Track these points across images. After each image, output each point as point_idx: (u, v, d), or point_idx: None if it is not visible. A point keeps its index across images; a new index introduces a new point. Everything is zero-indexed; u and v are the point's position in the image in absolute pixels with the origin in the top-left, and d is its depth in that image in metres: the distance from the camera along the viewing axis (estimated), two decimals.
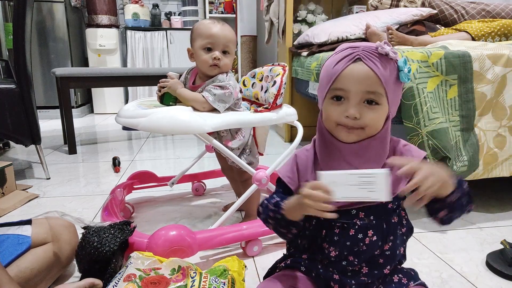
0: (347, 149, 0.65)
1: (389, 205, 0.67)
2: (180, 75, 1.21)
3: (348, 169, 0.59)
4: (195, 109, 1.08)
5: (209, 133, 1.20)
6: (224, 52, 1.12)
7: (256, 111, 1.14)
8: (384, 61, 0.62)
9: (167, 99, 1.13)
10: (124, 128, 1.07)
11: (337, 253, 0.68)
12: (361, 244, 0.67)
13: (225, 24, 1.14)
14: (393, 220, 0.69)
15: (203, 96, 1.07)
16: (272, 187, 1.21)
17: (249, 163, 1.22)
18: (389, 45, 0.62)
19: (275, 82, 1.15)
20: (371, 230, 0.67)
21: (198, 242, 0.99)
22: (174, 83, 1.12)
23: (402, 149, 0.69)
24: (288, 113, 1.20)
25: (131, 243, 0.96)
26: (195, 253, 0.99)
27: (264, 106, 1.19)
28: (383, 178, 0.54)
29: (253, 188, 1.13)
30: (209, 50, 1.11)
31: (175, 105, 1.12)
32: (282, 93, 1.15)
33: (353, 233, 0.67)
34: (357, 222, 0.67)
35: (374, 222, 0.67)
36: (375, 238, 0.67)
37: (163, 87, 1.13)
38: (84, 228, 0.92)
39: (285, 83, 1.16)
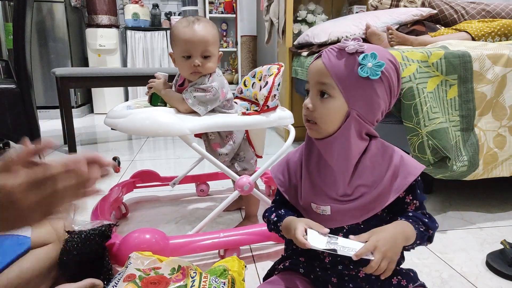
0: (318, 145, 0.68)
1: (378, 212, 0.67)
2: (169, 76, 1.19)
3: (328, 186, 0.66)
4: (179, 111, 1.05)
5: (198, 135, 1.18)
6: (205, 56, 1.05)
7: (244, 113, 1.09)
8: (343, 55, 0.63)
9: (155, 100, 1.12)
10: (113, 128, 1.07)
11: (330, 258, 0.69)
12: None
13: (201, 22, 1.05)
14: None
15: (183, 98, 1.04)
16: (261, 189, 1.19)
17: (243, 170, 1.20)
18: (357, 40, 0.63)
19: (267, 82, 1.10)
20: None
21: (170, 248, 0.95)
22: (158, 84, 1.10)
23: (398, 164, 0.66)
24: (281, 116, 1.14)
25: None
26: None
27: (254, 109, 1.15)
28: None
29: (234, 194, 1.10)
30: (188, 57, 1.05)
31: (164, 106, 1.10)
32: (275, 94, 1.09)
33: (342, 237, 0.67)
34: (344, 226, 0.67)
35: (362, 226, 0.67)
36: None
37: (152, 88, 1.12)
38: (67, 232, 0.91)
39: (278, 84, 1.10)
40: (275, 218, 0.72)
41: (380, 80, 0.63)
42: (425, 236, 0.66)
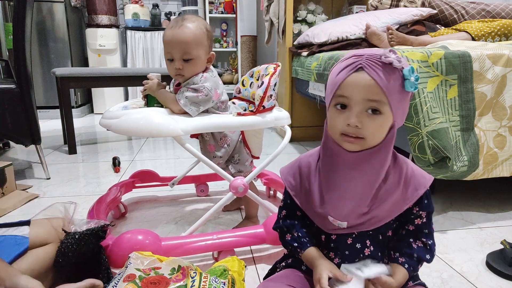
0: (350, 157, 0.66)
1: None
2: (163, 76, 1.15)
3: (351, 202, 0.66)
4: (173, 111, 1.04)
5: (194, 136, 1.15)
6: (186, 60, 1.02)
7: (239, 114, 1.07)
8: (388, 70, 0.61)
9: (151, 101, 1.10)
10: (108, 129, 1.06)
11: (339, 261, 0.70)
12: (361, 255, 0.68)
13: (185, 24, 1.01)
14: (388, 234, 0.70)
15: (176, 99, 1.02)
16: (261, 190, 1.18)
17: (238, 172, 1.19)
18: (394, 53, 0.61)
19: (262, 82, 1.08)
20: (368, 240, 0.68)
21: (163, 249, 0.95)
22: (152, 84, 1.07)
23: (408, 175, 0.68)
24: (278, 117, 1.12)
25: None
26: None
27: (250, 109, 1.14)
28: None
29: (228, 196, 1.09)
30: (171, 60, 1.04)
31: (160, 106, 1.09)
32: (271, 95, 1.08)
33: (351, 242, 0.69)
34: (354, 231, 0.68)
35: (370, 232, 0.69)
36: (372, 248, 0.69)
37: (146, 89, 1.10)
38: (64, 231, 0.91)
39: (275, 84, 1.08)
40: (295, 244, 0.72)
41: None
42: (416, 271, 0.71)
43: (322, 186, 0.69)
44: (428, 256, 0.69)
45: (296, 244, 0.72)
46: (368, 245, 0.68)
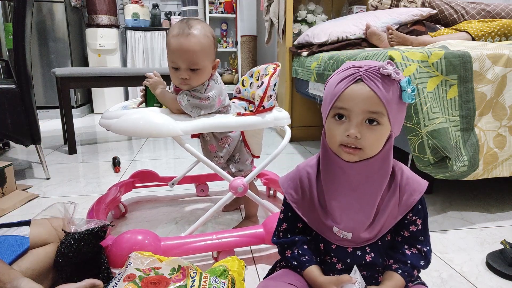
0: (349, 168, 0.66)
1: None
2: (162, 76, 1.13)
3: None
4: (172, 111, 1.03)
5: (195, 136, 1.14)
6: (193, 69, 0.99)
7: (239, 114, 1.06)
8: (387, 81, 0.61)
9: (150, 97, 1.09)
10: (107, 129, 1.05)
11: (343, 267, 0.70)
12: (363, 262, 0.69)
13: (192, 31, 0.97)
14: (387, 238, 0.71)
15: (177, 99, 1.01)
16: (261, 190, 1.18)
17: (239, 171, 1.19)
18: (392, 65, 0.62)
19: (262, 82, 1.08)
20: (367, 247, 0.69)
21: (162, 249, 0.95)
22: (154, 82, 1.05)
23: (402, 183, 0.68)
24: (277, 117, 1.11)
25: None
26: None
27: (250, 109, 1.13)
28: None
29: (228, 196, 1.09)
30: (176, 69, 1.00)
31: (160, 106, 1.08)
32: (271, 95, 1.07)
33: (351, 250, 0.69)
34: (357, 242, 0.69)
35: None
36: (373, 254, 0.69)
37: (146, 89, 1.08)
38: (63, 231, 0.91)
39: (274, 84, 1.07)
40: (294, 262, 0.72)
41: None
42: (412, 277, 0.70)
43: (325, 198, 0.69)
44: (422, 263, 0.69)
45: (295, 263, 0.72)
46: (368, 251, 0.69)
